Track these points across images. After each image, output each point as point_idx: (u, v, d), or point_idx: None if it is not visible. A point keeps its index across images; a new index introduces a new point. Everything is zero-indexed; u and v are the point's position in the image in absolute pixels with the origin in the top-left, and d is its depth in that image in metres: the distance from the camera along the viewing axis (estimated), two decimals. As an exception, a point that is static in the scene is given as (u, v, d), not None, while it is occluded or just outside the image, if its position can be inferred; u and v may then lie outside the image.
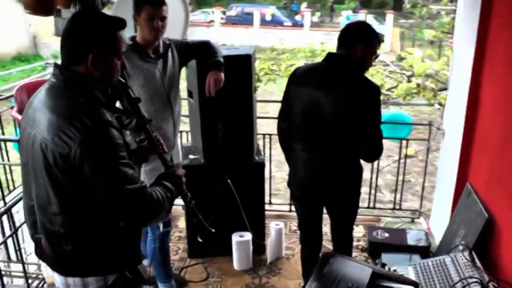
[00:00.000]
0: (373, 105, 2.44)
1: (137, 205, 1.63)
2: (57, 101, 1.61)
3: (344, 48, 2.50)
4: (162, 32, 2.65)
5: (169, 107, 2.78)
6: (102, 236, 1.71)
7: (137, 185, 1.62)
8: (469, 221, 2.98)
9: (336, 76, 2.47)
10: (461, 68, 3.28)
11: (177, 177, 1.89)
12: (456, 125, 3.36)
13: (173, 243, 3.78)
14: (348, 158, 2.58)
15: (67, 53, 1.66)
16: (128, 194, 1.60)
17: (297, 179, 2.68)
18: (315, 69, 2.62)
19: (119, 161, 1.59)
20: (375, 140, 2.50)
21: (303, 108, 2.52)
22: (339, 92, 2.43)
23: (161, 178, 1.86)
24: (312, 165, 2.59)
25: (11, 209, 2.74)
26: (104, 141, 1.57)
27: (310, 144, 2.56)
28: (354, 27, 2.61)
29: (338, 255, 2.11)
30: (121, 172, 1.59)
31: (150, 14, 2.59)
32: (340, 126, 2.46)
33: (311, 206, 2.77)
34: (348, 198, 2.71)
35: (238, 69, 3.15)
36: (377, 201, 4.46)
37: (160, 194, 1.72)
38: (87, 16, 1.76)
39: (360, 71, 2.51)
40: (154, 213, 1.72)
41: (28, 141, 1.64)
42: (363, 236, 3.89)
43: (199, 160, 3.41)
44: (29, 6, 2.31)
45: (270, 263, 3.53)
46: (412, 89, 5.80)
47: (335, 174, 2.58)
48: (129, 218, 1.65)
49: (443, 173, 3.75)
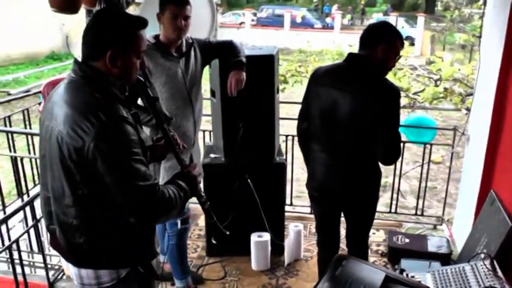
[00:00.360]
0: (391, 107, 2.40)
1: (148, 202, 1.64)
2: (75, 95, 1.65)
3: (365, 49, 2.47)
4: (185, 31, 2.68)
5: (190, 106, 2.81)
6: (115, 230, 1.73)
7: (149, 181, 1.64)
8: (492, 229, 2.91)
9: (355, 76, 2.45)
10: (488, 72, 3.22)
11: (192, 177, 1.89)
12: (481, 130, 3.29)
13: (192, 241, 3.82)
14: (366, 161, 2.54)
15: (87, 48, 1.69)
16: (139, 190, 1.61)
17: (315, 180, 2.67)
18: (335, 69, 2.60)
19: (131, 157, 1.61)
20: (392, 142, 2.46)
21: (321, 108, 2.51)
22: (356, 93, 2.40)
23: (176, 177, 1.88)
24: (330, 167, 2.57)
25: (33, 201, 2.80)
26: (118, 137, 1.60)
27: (328, 145, 2.54)
28: (375, 28, 2.59)
29: (352, 257, 2.09)
30: (133, 168, 1.61)
31: (174, 12, 2.62)
32: (357, 127, 2.43)
33: (328, 208, 2.75)
34: (365, 202, 2.68)
35: (261, 69, 3.15)
36: (401, 206, 4.40)
37: (173, 192, 1.73)
38: (108, 14, 1.81)
39: (380, 72, 2.47)
40: (164, 211, 1.72)
41: (46, 134, 1.69)
42: (383, 241, 3.84)
43: (220, 159, 3.43)
44: (55, 4, 2.37)
45: (288, 264, 3.52)
46: (438, 93, 5.69)
47: (352, 177, 2.56)
48: (139, 214, 1.66)
49: (467, 179, 3.67)
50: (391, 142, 2.45)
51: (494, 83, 3.10)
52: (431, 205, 6.06)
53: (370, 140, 2.45)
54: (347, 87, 2.42)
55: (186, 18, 2.65)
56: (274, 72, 3.23)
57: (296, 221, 3.98)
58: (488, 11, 3.30)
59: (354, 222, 2.78)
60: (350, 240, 2.84)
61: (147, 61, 2.60)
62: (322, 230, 2.86)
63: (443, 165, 7.03)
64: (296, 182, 4.51)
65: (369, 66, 2.44)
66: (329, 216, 2.78)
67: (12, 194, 5.28)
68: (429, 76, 6.76)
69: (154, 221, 1.83)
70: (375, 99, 2.38)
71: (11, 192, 5.47)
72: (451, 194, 5.26)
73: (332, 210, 2.76)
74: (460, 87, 5.96)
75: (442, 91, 5.77)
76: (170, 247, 3.00)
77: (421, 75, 6.97)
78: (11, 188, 5.28)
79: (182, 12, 2.63)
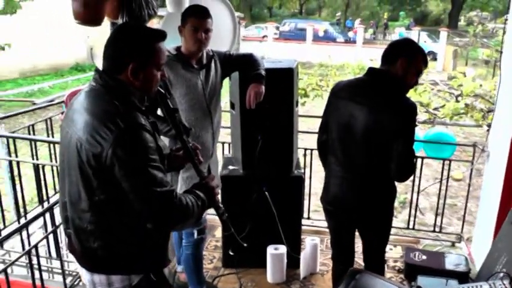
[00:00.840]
0: (407, 124, 2.39)
1: (165, 208, 1.67)
2: (94, 103, 1.70)
3: (386, 64, 2.48)
4: (205, 43, 2.72)
5: (209, 117, 2.84)
6: (129, 236, 1.76)
7: (166, 188, 1.67)
8: (511, 248, 2.86)
9: (374, 91, 2.45)
10: (509, 87, 3.19)
11: (210, 188, 1.92)
12: (502, 147, 3.25)
13: (209, 252, 3.84)
14: (381, 176, 2.53)
15: (108, 62, 1.74)
16: (156, 196, 1.65)
17: (329, 193, 2.66)
18: (355, 84, 2.62)
19: (149, 163, 1.64)
20: (407, 159, 2.44)
21: (339, 122, 2.52)
22: (374, 107, 2.40)
23: (194, 187, 1.91)
24: (345, 180, 2.56)
25: (52, 208, 2.86)
26: (136, 143, 1.64)
27: (344, 158, 2.54)
28: (397, 43, 2.60)
29: (366, 272, 2.08)
30: (151, 174, 1.64)
31: (195, 25, 2.67)
32: (373, 142, 2.43)
33: (342, 223, 2.73)
34: (379, 218, 2.66)
35: (280, 82, 3.17)
36: (419, 223, 4.35)
37: (190, 201, 1.76)
38: (128, 28, 1.87)
39: (400, 88, 2.46)
40: (182, 218, 1.74)
41: (65, 140, 1.74)
42: (400, 257, 3.80)
43: (238, 171, 3.45)
44: (79, 17, 2.43)
45: (304, 277, 3.51)
46: (459, 109, 5.64)
47: (367, 192, 2.55)
48: (156, 220, 1.69)
49: (486, 196, 3.63)
50: (405, 158, 2.43)
51: (515, 98, 3.08)
52: (451, 222, 5.98)
53: (385, 155, 2.44)
54: (365, 102, 2.43)
55: (207, 31, 2.69)
56: (293, 85, 3.25)
57: (313, 234, 3.97)
58: (510, 25, 3.27)
59: (368, 238, 2.76)
60: (366, 256, 2.81)
61: (168, 72, 2.65)
62: (336, 244, 2.84)
63: (464, 182, 6.93)
64: (314, 195, 4.48)
65: (388, 81, 2.44)
66: (343, 231, 2.77)
67: (34, 202, 5.38)
68: (450, 91, 6.70)
69: (171, 228, 1.85)
70: (392, 115, 2.37)
71: (33, 199, 5.58)
72: (471, 212, 5.19)
73: (346, 225, 2.74)
74: (482, 103, 5.89)
75: (463, 107, 5.71)
76: (186, 257, 3.03)
77: (442, 90, 6.90)
78: (34, 195, 5.38)
79: (203, 25, 2.67)
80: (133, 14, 2.73)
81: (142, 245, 1.80)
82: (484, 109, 5.65)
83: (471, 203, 5.46)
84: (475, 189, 5.79)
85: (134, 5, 2.75)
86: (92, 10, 2.51)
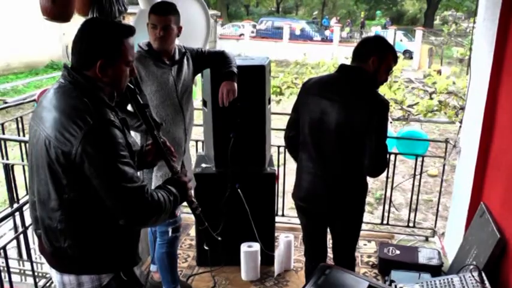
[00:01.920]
0: (379, 119, 2.40)
1: (136, 204, 1.66)
2: (63, 99, 1.67)
3: (357, 61, 2.49)
4: (166, 41, 2.67)
5: (181, 113, 2.82)
6: (99, 234, 1.74)
7: (137, 183, 1.65)
8: (481, 241, 2.91)
9: (345, 87, 2.46)
10: (479, 85, 3.23)
11: (182, 183, 1.90)
12: (472, 143, 3.30)
13: (183, 251, 3.81)
14: (352, 172, 2.54)
15: (76, 58, 1.72)
16: (127, 192, 1.63)
17: (300, 190, 2.66)
18: (326, 80, 2.62)
19: (119, 159, 1.62)
20: (379, 154, 2.45)
21: (310, 118, 2.52)
22: (345, 103, 2.41)
23: (166, 182, 1.89)
24: (316, 176, 2.56)
25: (22, 208, 2.80)
26: (105, 140, 1.61)
27: (316, 154, 2.54)
28: (369, 41, 2.61)
29: (335, 267, 2.09)
30: (121, 170, 1.62)
31: (153, 22, 2.64)
32: (344, 137, 2.44)
33: (314, 219, 2.73)
34: (350, 215, 2.66)
35: (252, 79, 3.17)
36: (395, 219, 4.39)
37: (162, 196, 1.74)
38: (96, 24, 1.83)
39: (371, 84, 2.48)
40: (154, 214, 1.72)
41: (34, 138, 1.71)
42: (374, 253, 3.84)
43: (211, 169, 3.43)
44: (46, 12, 2.39)
45: (278, 274, 3.51)
46: (433, 106, 5.71)
47: (338, 188, 2.55)
48: (128, 216, 1.67)
49: (458, 191, 3.67)
50: (378, 154, 2.44)
51: (484, 95, 3.12)
52: (426, 218, 6.05)
53: (356, 150, 2.45)
54: (336, 97, 2.44)
55: (166, 28, 2.64)
56: (265, 83, 3.25)
57: (287, 231, 3.97)
58: (479, 24, 3.32)
59: (339, 234, 2.75)
60: (336, 252, 2.80)
61: (139, 68, 2.62)
62: (308, 240, 2.85)
63: (439, 178, 7.03)
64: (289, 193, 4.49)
65: (359, 77, 2.46)
66: (314, 227, 2.77)
67: (7, 203, 5.27)
68: (424, 89, 6.78)
69: (144, 224, 1.82)
70: (364, 111, 2.39)
71: (6, 201, 5.46)
72: (446, 208, 5.26)
73: (317, 221, 2.75)
74: (455, 100, 5.98)
75: (437, 104, 5.79)
76: (161, 255, 3.00)
77: (417, 88, 6.99)
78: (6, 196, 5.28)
79: (161, 21, 2.63)
80: (103, 10, 2.71)
81: (112, 243, 1.77)
82: (457, 106, 5.74)
83: (446, 198, 5.55)
84: (449, 185, 5.89)
85: (104, 1, 2.72)
86: (59, 6, 2.48)
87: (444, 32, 12.60)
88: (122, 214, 1.67)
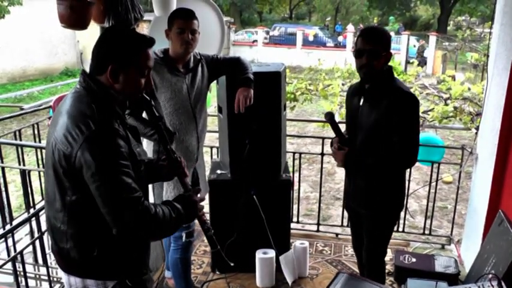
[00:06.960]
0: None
1: (128, 214, 1.62)
2: (74, 104, 1.69)
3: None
4: (192, 45, 2.70)
5: (194, 121, 2.82)
6: (101, 239, 1.73)
7: (133, 194, 1.63)
8: (500, 249, 2.88)
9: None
10: (496, 91, 3.20)
11: (192, 202, 1.88)
12: (489, 150, 3.27)
13: (198, 257, 3.81)
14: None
15: (92, 63, 1.74)
16: (120, 202, 1.61)
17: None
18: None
19: (116, 168, 1.61)
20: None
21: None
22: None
23: (175, 199, 1.87)
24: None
25: (38, 213, 2.82)
26: (105, 147, 1.61)
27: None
28: None
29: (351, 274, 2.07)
30: (118, 179, 1.61)
31: (181, 26, 2.65)
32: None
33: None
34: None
35: (268, 86, 3.17)
36: (410, 226, 4.34)
37: (162, 211, 1.71)
38: (115, 31, 1.86)
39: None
40: (146, 226, 1.67)
41: (48, 142, 1.74)
42: (390, 260, 3.80)
43: (226, 175, 3.43)
44: (64, 20, 2.42)
45: (293, 281, 3.49)
46: (448, 112, 5.65)
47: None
48: (118, 226, 1.64)
49: (475, 199, 3.63)
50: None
51: (502, 101, 3.09)
52: (441, 225, 5.99)
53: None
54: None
55: (193, 32, 2.68)
56: (280, 89, 3.25)
57: (302, 238, 3.95)
58: (496, 29, 3.29)
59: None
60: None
61: (154, 75, 2.63)
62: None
63: (454, 185, 6.95)
64: (305, 200, 4.48)
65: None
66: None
67: (23, 208, 5.32)
68: (439, 95, 6.72)
69: (135, 236, 1.72)
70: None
71: (22, 206, 5.51)
72: (462, 215, 5.20)
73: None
74: (470, 106, 5.91)
75: (452, 110, 5.73)
76: (174, 261, 3.00)
77: (431, 94, 6.92)
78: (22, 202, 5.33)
79: (189, 26, 2.66)
80: (119, 17, 2.72)
81: (115, 250, 1.76)
82: (472, 112, 5.67)
83: (461, 205, 5.48)
84: (464, 192, 5.82)
85: (120, 8, 2.74)
86: (77, 14, 2.50)
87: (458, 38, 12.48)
88: (113, 223, 1.64)
